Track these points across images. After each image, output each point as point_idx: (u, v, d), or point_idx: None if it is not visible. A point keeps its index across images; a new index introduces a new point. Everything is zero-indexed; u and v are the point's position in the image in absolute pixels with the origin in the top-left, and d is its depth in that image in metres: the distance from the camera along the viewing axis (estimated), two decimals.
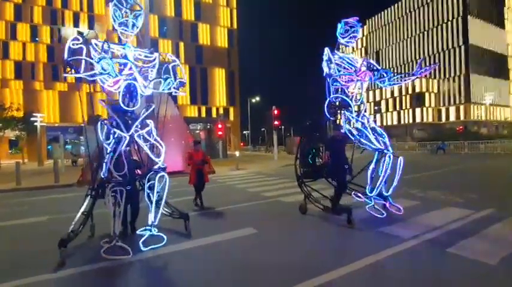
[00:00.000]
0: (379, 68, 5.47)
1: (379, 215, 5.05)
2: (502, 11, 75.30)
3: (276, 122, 20.23)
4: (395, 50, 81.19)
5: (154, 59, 4.41)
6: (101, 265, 3.47)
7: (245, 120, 53.81)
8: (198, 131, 26.82)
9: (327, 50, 5.55)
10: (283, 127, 56.11)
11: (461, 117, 66.44)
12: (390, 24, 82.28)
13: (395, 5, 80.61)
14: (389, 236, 4.17)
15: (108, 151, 3.93)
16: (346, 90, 5.53)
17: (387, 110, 78.35)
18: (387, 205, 5.34)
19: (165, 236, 4.06)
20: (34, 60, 42.33)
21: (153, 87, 4.25)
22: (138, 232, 4.22)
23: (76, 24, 44.01)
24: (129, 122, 4.14)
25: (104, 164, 3.92)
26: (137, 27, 4.31)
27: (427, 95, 71.02)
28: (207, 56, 47.26)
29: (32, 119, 26.82)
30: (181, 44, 45.24)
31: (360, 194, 5.60)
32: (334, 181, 5.40)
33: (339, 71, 5.45)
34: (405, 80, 5.49)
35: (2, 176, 15.32)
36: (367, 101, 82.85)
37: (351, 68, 5.48)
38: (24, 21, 41.65)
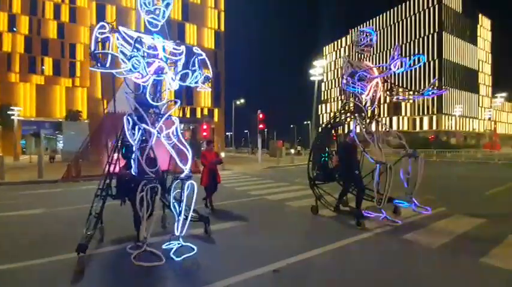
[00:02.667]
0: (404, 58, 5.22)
1: (394, 224, 5.04)
2: (475, 28, 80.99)
3: (260, 126, 20.91)
4: (377, 60, 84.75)
5: (182, 52, 4.10)
6: (131, 272, 3.25)
7: (229, 122, 54.13)
8: (182, 131, 26.94)
9: (345, 55, 5.97)
10: (266, 130, 57.07)
11: (434, 127, 70.53)
12: (376, 33, 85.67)
13: (377, 17, 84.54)
14: (353, 226, 4.93)
15: (137, 147, 3.65)
16: (360, 96, 5.54)
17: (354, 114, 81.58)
18: (413, 207, 5.39)
19: (195, 247, 3.74)
20: (10, 51, 40.54)
21: (180, 80, 3.93)
22: (164, 246, 3.78)
23: (57, 16, 42.66)
24: (153, 117, 3.91)
25: (133, 161, 3.68)
26: (165, 17, 3.96)
27: (403, 104, 74.70)
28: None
29: (8, 112, 25.83)
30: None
31: (369, 211, 5.56)
32: (345, 184, 5.62)
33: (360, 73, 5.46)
34: (414, 97, 5.68)
35: None
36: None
37: (366, 76, 5.52)
38: (1, 10, 39.84)
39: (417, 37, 74.57)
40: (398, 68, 4.80)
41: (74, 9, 43.87)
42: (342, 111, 5.84)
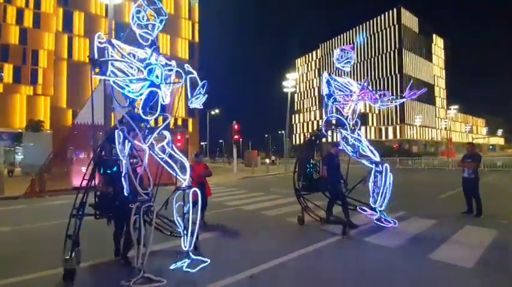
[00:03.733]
0: (372, 90, 5.73)
1: (388, 226, 5.38)
2: (430, 47, 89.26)
3: (236, 136, 21.18)
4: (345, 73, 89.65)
5: (172, 68, 4.05)
6: None
7: (203, 132, 53.73)
8: (154, 142, 26.29)
9: (325, 74, 6.01)
10: (241, 140, 57.37)
11: (398, 136, 75.62)
12: None
13: (345, 33, 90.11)
14: (325, 231, 5.35)
15: (128, 164, 3.50)
16: (342, 110, 5.88)
17: (337, 127, 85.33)
18: (381, 218, 5.65)
19: (208, 259, 3.79)
20: None
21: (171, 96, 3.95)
22: (172, 267, 3.64)
23: (20, 21, 40.21)
24: (144, 132, 3.80)
25: (123, 179, 3.48)
26: (157, 32, 3.95)
27: (370, 115, 79.57)
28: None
29: None
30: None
31: (364, 208, 5.83)
32: (330, 194, 5.83)
33: (339, 92, 5.82)
34: (396, 102, 5.85)
35: None
36: (320, 118, 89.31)
37: (347, 91, 5.86)
38: None
39: (380, 53, 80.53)
40: (366, 98, 5.57)
41: (38, 14, 41.63)
42: (325, 124, 6.02)
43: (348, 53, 6.00)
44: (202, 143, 65.28)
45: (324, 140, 6.75)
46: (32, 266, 3.91)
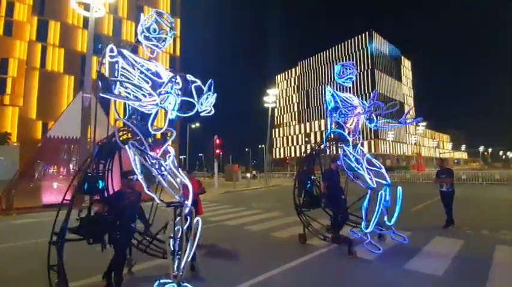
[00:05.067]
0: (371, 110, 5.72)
1: (376, 251, 5.04)
2: (400, 68, 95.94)
3: (217, 151, 21.15)
4: (321, 91, 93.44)
5: (178, 80, 3.87)
6: None
7: (183, 146, 52.90)
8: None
9: (329, 87, 5.91)
10: (221, 154, 57.08)
11: (373, 151, 78.91)
12: (318, 68, 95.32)
13: (322, 53, 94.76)
14: (307, 246, 5.50)
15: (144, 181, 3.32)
16: (344, 125, 5.76)
17: (315, 141, 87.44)
18: (391, 235, 5.56)
19: None
20: None
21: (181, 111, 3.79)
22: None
23: None
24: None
25: (148, 191, 3.32)
26: (166, 46, 3.93)
27: (346, 130, 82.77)
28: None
29: None
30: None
31: (356, 231, 5.77)
32: (331, 211, 5.66)
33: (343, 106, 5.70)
34: (391, 126, 5.94)
35: None
36: (299, 132, 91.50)
37: (349, 105, 5.80)
38: None
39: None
40: (375, 110, 5.43)
41: (10, 22, 39.93)
42: (326, 139, 5.93)
43: (349, 68, 5.96)
44: (181, 157, 64.08)
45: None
46: None
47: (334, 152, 6.07)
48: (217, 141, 21.04)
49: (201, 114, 3.81)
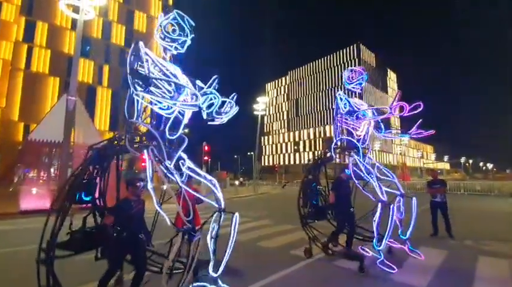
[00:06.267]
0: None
1: (391, 271, 4.55)
2: (386, 80, 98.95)
3: (205, 157, 20.95)
4: (311, 100, 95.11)
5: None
6: None
7: None
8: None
9: (341, 92, 5.65)
10: (210, 161, 56.58)
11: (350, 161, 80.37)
12: (308, 78, 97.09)
13: (312, 63, 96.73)
14: (294, 256, 5.46)
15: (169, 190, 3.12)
16: (354, 132, 5.47)
17: (304, 149, 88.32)
18: (406, 249, 5.19)
19: None
20: None
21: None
22: None
23: None
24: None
25: (179, 206, 3.14)
26: (179, 50, 3.69)
27: (335, 139, 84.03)
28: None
29: None
30: (106, 67, 42.67)
31: (367, 249, 5.17)
32: (336, 222, 5.38)
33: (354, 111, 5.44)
34: (400, 136, 5.68)
35: None
36: (288, 140, 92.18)
37: (360, 111, 5.51)
38: None
39: (343, 83, 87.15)
40: (398, 112, 4.84)
41: None
42: (335, 147, 5.59)
43: (358, 74, 5.73)
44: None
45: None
46: None
47: (342, 161, 5.80)
48: (206, 147, 20.88)
49: (210, 123, 3.55)
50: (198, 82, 3.62)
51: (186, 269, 3.12)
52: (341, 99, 5.56)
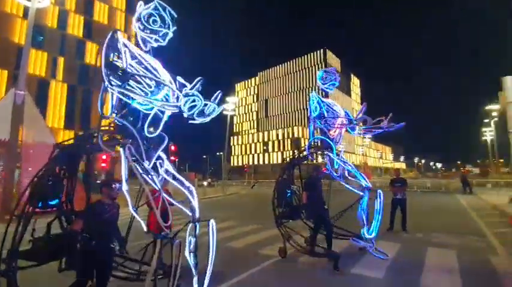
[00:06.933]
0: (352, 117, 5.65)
1: (384, 258, 4.93)
2: (349, 85, 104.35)
3: (172, 158, 20.24)
4: (281, 101, 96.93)
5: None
6: None
7: None
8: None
9: (314, 93, 5.68)
10: (177, 161, 54.93)
11: (325, 160, 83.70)
12: (278, 79, 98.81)
13: (282, 64, 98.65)
14: (260, 255, 5.52)
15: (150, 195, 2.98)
16: (328, 132, 5.55)
17: (273, 150, 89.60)
18: (370, 250, 5.19)
19: None
20: None
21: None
22: None
23: None
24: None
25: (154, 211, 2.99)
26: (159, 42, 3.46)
27: (302, 140, 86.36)
28: (94, 77, 42.58)
29: None
30: (61, 59, 39.26)
31: (358, 240, 5.24)
32: (311, 222, 5.41)
33: (327, 113, 5.52)
34: (374, 132, 5.60)
35: None
36: (258, 141, 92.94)
37: (334, 112, 5.62)
38: None
39: (310, 86, 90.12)
40: (362, 125, 5.24)
41: None
42: (309, 147, 5.70)
43: (332, 74, 5.83)
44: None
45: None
46: None
47: (314, 160, 5.95)
48: (173, 147, 20.18)
49: (191, 121, 3.35)
50: (179, 79, 3.40)
51: (172, 276, 2.97)
52: (313, 101, 5.64)
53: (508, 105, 12.81)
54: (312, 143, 5.71)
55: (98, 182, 4.96)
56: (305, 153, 5.81)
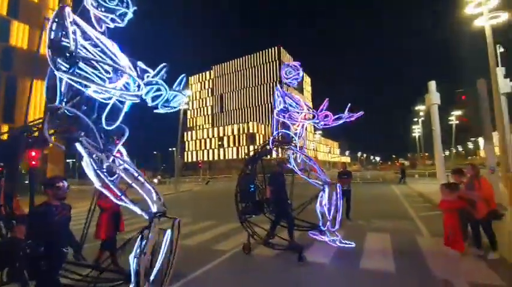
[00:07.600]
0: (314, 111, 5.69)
1: (349, 245, 5.25)
2: (302, 82, 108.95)
3: (118, 154, 18.71)
4: (236, 96, 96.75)
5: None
6: None
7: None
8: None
9: (278, 87, 5.65)
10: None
11: (280, 155, 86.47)
12: (233, 74, 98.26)
13: (237, 59, 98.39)
14: (218, 251, 5.48)
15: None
16: (291, 127, 5.58)
17: (229, 145, 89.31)
18: (336, 242, 5.35)
19: None
20: None
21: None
22: None
23: None
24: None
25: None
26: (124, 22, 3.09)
27: (257, 135, 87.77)
28: (20, 62, 36.75)
29: None
30: None
31: (317, 233, 5.45)
32: (275, 216, 5.40)
33: (291, 108, 5.52)
34: (334, 123, 5.58)
35: None
36: (213, 136, 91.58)
37: (297, 107, 5.63)
38: None
39: (265, 82, 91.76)
40: (323, 119, 5.29)
41: None
42: (272, 141, 5.67)
43: (294, 69, 5.82)
44: (69, 161, 54.23)
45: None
46: None
47: (277, 154, 5.95)
48: (117, 142, 18.66)
49: (156, 111, 3.13)
50: (141, 64, 3.08)
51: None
52: (278, 95, 5.64)
53: (432, 106, 14.72)
54: (276, 137, 5.72)
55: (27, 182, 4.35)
56: (268, 147, 5.79)
